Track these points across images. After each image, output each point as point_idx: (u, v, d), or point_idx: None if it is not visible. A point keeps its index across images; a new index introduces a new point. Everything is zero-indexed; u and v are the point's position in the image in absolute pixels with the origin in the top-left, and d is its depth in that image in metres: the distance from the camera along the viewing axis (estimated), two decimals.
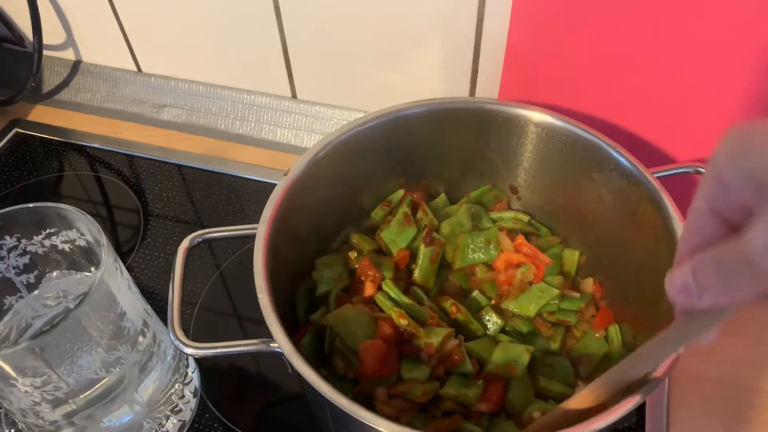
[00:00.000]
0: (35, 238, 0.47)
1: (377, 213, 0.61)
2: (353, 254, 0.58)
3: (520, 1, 0.56)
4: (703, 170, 0.52)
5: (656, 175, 0.51)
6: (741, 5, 0.49)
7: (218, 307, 0.65)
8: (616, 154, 0.52)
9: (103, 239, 0.43)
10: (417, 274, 0.56)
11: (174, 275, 0.47)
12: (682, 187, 0.55)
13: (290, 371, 0.42)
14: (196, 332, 0.62)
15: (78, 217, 0.44)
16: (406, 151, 0.60)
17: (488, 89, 0.67)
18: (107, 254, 0.42)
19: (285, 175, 0.52)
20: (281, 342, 0.42)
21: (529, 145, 0.58)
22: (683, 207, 0.64)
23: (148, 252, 0.69)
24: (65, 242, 0.47)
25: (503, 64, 0.62)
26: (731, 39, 0.51)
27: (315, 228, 0.57)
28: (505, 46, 0.60)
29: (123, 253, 0.70)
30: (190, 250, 0.49)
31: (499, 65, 0.63)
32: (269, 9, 0.68)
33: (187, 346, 0.43)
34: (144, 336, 0.47)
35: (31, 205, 0.44)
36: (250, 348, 0.43)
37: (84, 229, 0.45)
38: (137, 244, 0.70)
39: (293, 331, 0.53)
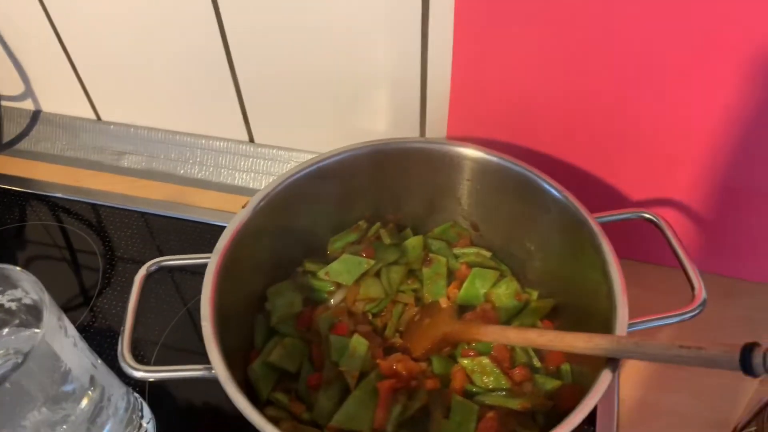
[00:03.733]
0: None
1: (338, 240, 0.62)
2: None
3: (460, 47, 0.58)
4: (648, 216, 0.54)
5: (601, 220, 0.52)
6: (685, 42, 0.51)
7: (182, 344, 0.65)
8: (559, 196, 0.53)
9: (46, 298, 0.43)
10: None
11: (129, 302, 0.50)
12: (628, 231, 0.57)
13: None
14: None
15: (21, 276, 0.45)
16: (363, 189, 0.61)
17: (438, 129, 0.69)
18: (49, 314, 0.42)
19: (243, 207, 0.54)
20: (218, 369, 0.44)
21: (473, 182, 0.59)
22: (629, 251, 0.67)
23: (113, 297, 0.70)
24: (12, 301, 0.48)
25: (449, 104, 0.63)
26: (676, 75, 0.53)
27: (276, 260, 0.59)
28: (449, 88, 0.62)
29: (88, 297, 0.70)
30: (151, 284, 0.52)
31: (446, 105, 0.64)
32: (221, 57, 0.70)
33: (135, 369, 0.46)
34: (91, 391, 0.47)
35: None
36: (193, 373, 0.46)
37: (28, 288, 0.46)
38: (101, 290, 0.71)
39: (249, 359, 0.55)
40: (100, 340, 0.66)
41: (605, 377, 0.42)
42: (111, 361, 0.62)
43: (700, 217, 0.63)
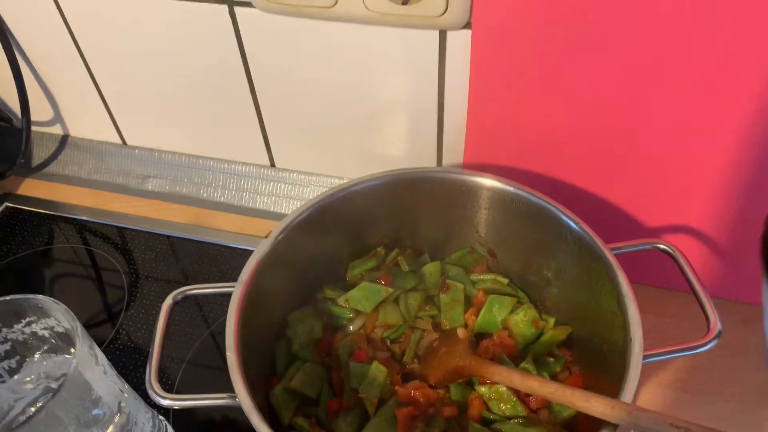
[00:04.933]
0: (15, 326, 0.49)
1: (357, 266, 0.63)
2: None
3: (476, 80, 0.59)
4: (662, 246, 0.54)
5: (617, 251, 0.53)
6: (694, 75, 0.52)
7: (206, 366, 0.67)
8: (575, 227, 0.54)
9: (78, 328, 0.45)
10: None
11: (156, 330, 0.51)
12: (646, 258, 0.57)
13: None
14: (180, 388, 0.65)
15: (54, 307, 0.47)
16: (382, 217, 0.63)
17: (455, 156, 0.70)
18: (81, 344, 0.44)
19: (266, 237, 0.55)
20: (243, 399, 0.45)
21: (490, 211, 0.60)
22: (647, 277, 0.66)
23: (137, 317, 0.72)
24: (44, 329, 0.50)
25: (465, 133, 0.65)
26: (686, 107, 0.54)
27: (296, 287, 0.60)
28: (465, 118, 0.63)
29: (113, 318, 0.72)
30: (175, 307, 0.53)
31: (462, 134, 0.66)
32: (244, 85, 0.72)
33: (162, 398, 0.47)
34: (119, 416, 0.49)
35: (8, 298, 0.46)
36: (218, 402, 0.47)
37: (60, 317, 0.48)
38: (126, 311, 0.73)
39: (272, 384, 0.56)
40: (126, 362, 0.67)
41: None
42: (136, 383, 0.64)
43: (718, 244, 0.63)
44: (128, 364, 0.67)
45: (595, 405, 0.43)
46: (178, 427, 0.61)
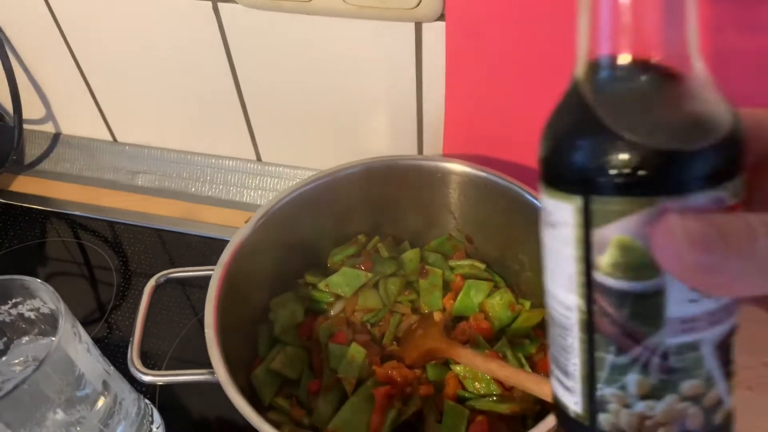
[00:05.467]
0: (2, 308, 0.50)
1: (338, 253, 0.65)
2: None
3: (452, 67, 0.61)
4: None
5: None
6: None
7: (192, 354, 0.68)
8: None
9: (62, 307, 0.47)
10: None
11: (139, 310, 0.53)
12: None
13: None
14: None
15: (39, 287, 0.48)
16: (360, 204, 0.64)
17: (435, 148, 0.72)
18: (65, 321, 0.46)
19: (246, 222, 0.57)
20: (219, 372, 0.47)
21: (463, 196, 0.62)
22: None
23: (127, 309, 0.73)
24: (31, 310, 0.51)
25: (444, 125, 0.66)
26: None
27: (278, 272, 0.62)
28: (443, 111, 0.65)
29: (103, 310, 0.74)
30: (163, 295, 0.55)
31: (441, 126, 0.67)
32: (230, 83, 0.74)
33: (144, 374, 0.49)
34: (104, 396, 0.51)
35: None
36: (197, 377, 0.49)
37: (46, 298, 0.49)
38: (116, 303, 0.74)
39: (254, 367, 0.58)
40: (115, 350, 0.69)
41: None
42: (124, 370, 0.65)
43: None
44: (117, 353, 0.69)
45: (544, 389, 0.45)
46: (164, 413, 0.62)
